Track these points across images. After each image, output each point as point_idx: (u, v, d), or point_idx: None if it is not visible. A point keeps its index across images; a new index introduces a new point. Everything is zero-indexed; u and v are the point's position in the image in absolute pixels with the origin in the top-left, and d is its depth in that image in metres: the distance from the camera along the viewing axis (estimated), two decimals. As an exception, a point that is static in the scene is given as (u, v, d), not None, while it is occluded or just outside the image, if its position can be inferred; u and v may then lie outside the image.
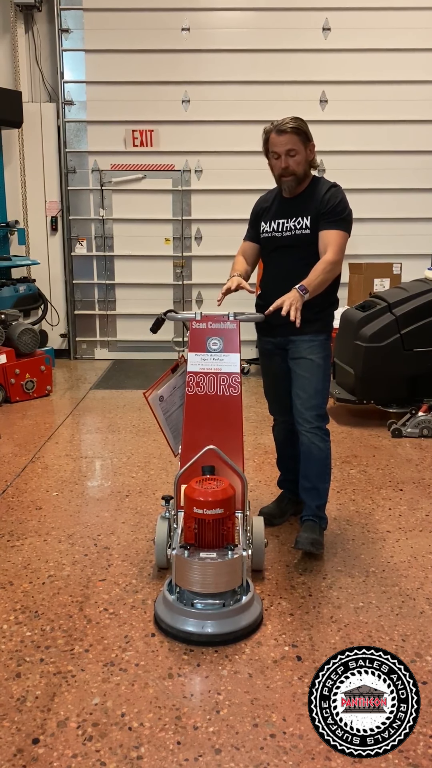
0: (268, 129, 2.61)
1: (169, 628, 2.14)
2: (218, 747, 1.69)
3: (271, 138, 2.60)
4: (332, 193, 2.62)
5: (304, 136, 2.58)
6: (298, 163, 2.59)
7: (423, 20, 6.14)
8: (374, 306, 4.49)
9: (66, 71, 6.40)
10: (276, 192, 2.74)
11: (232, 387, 2.45)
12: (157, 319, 2.74)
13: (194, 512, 2.17)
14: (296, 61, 6.23)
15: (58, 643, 2.11)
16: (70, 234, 6.64)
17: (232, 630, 2.12)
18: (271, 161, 2.65)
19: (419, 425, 4.17)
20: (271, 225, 2.70)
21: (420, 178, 6.38)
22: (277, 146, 2.58)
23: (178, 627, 2.13)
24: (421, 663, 2.01)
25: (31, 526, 2.95)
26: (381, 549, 2.74)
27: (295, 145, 2.57)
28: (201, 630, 2.11)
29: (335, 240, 2.58)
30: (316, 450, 2.66)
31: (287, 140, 2.56)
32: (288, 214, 2.67)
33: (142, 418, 4.61)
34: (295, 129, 2.56)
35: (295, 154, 2.58)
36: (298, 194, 2.66)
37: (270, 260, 2.79)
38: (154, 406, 2.63)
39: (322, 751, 1.68)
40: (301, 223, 2.63)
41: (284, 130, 2.55)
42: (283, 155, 2.58)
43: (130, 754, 1.66)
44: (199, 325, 2.51)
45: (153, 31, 6.22)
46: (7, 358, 4.97)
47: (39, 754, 1.67)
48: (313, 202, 2.63)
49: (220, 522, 2.17)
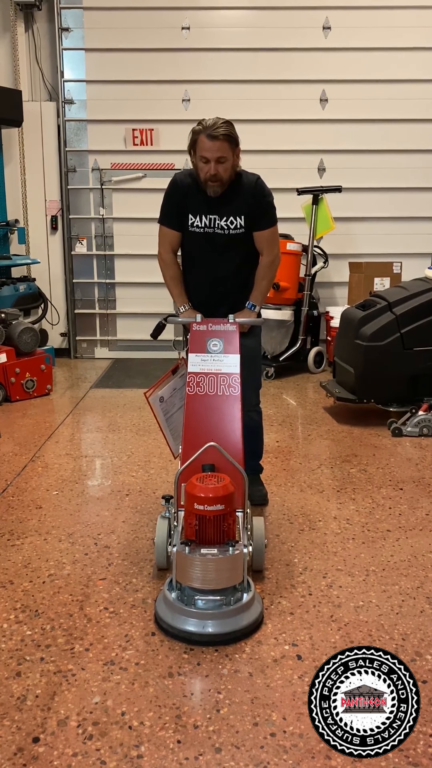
0: (197, 130, 2.57)
1: (170, 627, 2.14)
2: (218, 746, 1.69)
3: (201, 141, 2.56)
4: (259, 191, 2.69)
5: (234, 142, 2.58)
6: (226, 170, 2.61)
7: (423, 19, 6.13)
8: (374, 305, 4.49)
9: (66, 70, 6.39)
10: (196, 182, 2.68)
11: (232, 387, 2.47)
12: (158, 325, 2.79)
13: (195, 508, 2.17)
14: (296, 60, 6.23)
15: (59, 642, 2.11)
16: (71, 233, 6.63)
17: (233, 630, 2.11)
18: (198, 163, 2.61)
19: (419, 424, 4.17)
20: (202, 220, 2.70)
21: (420, 177, 6.37)
22: (207, 152, 2.55)
23: (178, 627, 2.12)
24: (421, 662, 2.01)
25: (32, 525, 2.95)
26: (381, 548, 2.74)
27: (225, 153, 2.56)
28: (202, 630, 2.10)
29: (270, 238, 2.76)
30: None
31: (218, 147, 2.54)
32: (219, 211, 2.69)
33: (142, 417, 4.61)
34: (227, 136, 2.54)
35: (224, 161, 2.58)
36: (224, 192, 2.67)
37: (199, 256, 2.80)
38: (155, 407, 2.65)
39: (323, 750, 1.68)
40: (235, 223, 2.69)
41: (216, 137, 2.52)
42: (212, 161, 2.56)
43: (131, 753, 1.66)
44: (200, 327, 2.55)
45: (153, 30, 6.21)
46: (8, 357, 4.97)
47: (39, 752, 1.67)
48: (243, 199, 2.68)
49: (221, 518, 2.17)
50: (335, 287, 6.49)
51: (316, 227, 5.86)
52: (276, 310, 5.77)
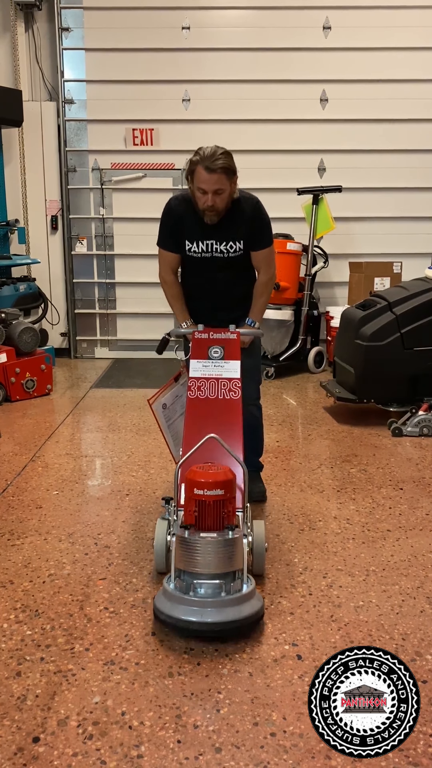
0: (195, 160, 2.55)
1: (168, 618, 2.08)
2: (218, 746, 1.69)
3: (199, 172, 2.55)
4: (256, 214, 2.73)
5: (232, 173, 2.57)
6: (223, 200, 2.61)
7: (424, 19, 6.13)
8: (374, 305, 4.49)
9: (66, 70, 6.40)
10: (192, 207, 2.69)
11: (233, 391, 2.51)
12: (162, 340, 2.86)
13: (195, 494, 2.17)
14: (297, 59, 6.23)
15: (59, 642, 2.11)
16: (71, 233, 6.64)
17: (233, 619, 2.06)
18: (196, 192, 2.61)
19: (419, 424, 4.17)
20: (199, 246, 2.73)
21: (420, 176, 6.37)
22: (205, 183, 2.55)
23: (176, 616, 2.07)
24: (421, 662, 2.01)
25: (32, 525, 2.95)
26: (381, 548, 2.74)
27: (222, 185, 2.56)
28: (201, 618, 2.05)
29: (267, 258, 2.83)
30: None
31: (216, 180, 2.53)
32: (217, 236, 2.71)
33: (142, 417, 4.61)
34: (225, 169, 2.53)
35: (222, 192, 2.58)
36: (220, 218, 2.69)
37: (199, 273, 2.83)
38: (158, 414, 2.69)
39: (323, 750, 1.68)
40: (234, 247, 2.73)
41: (214, 170, 2.51)
42: (210, 193, 2.55)
43: (131, 753, 1.66)
44: (201, 335, 2.62)
45: (153, 30, 6.21)
46: (8, 357, 4.97)
47: (39, 752, 1.67)
48: (241, 224, 2.70)
49: (220, 504, 2.17)
50: (335, 287, 6.49)
51: (317, 227, 5.86)
52: (276, 309, 5.77)
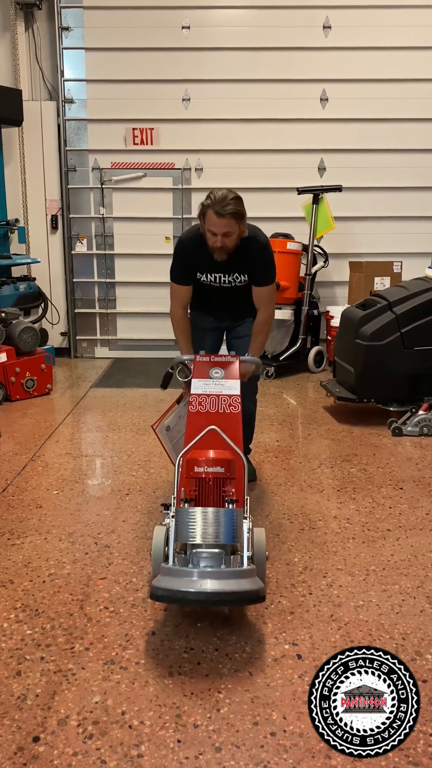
0: (207, 204, 2.68)
1: (165, 591, 1.98)
2: (218, 745, 1.69)
3: (209, 215, 2.68)
4: (261, 253, 2.88)
5: (241, 217, 2.70)
6: (232, 241, 2.75)
7: (424, 18, 6.13)
8: (374, 304, 4.49)
9: (66, 69, 6.39)
10: (202, 243, 2.82)
11: (233, 406, 2.56)
12: (166, 374, 2.95)
13: (194, 472, 2.17)
14: (297, 59, 6.22)
15: (59, 641, 2.11)
16: (71, 232, 6.63)
17: (233, 590, 1.96)
18: (206, 233, 2.75)
19: (419, 424, 4.17)
20: (208, 277, 2.95)
21: (421, 176, 6.37)
22: (215, 227, 2.68)
23: (174, 588, 1.97)
24: (421, 661, 2.01)
25: (32, 525, 2.95)
26: (381, 547, 2.74)
27: (231, 228, 2.69)
28: (199, 588, 1.97)
29: (268, 296, 3.00)
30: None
31: (226, 224, 2.66)
32: (224, 270, 2.91)
33: (142, 416, 4.61)
34: (234, 214, 2.65)
35: (231, 234, 2.71)
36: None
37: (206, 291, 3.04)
38: (162, 436, 2.77)
39: (323, 750, 1.68)
40: (239, 278, 2.94)
41: (223, 215, 2.64)
42: (219, 235, 2.70)
43: (131, 753, 1.67)
44: (203, 358, 2.75)
45: (153, 30, 6.20)
46: (8, 356, 4.97)
47: (39, 752, 1.67)
48: (247, 261, 2.87)
49: (220, 482, 2.16)
50: (335, 286, 6.49)
51: (317, 226, 5.86)
52: (276, 309, 5.75)
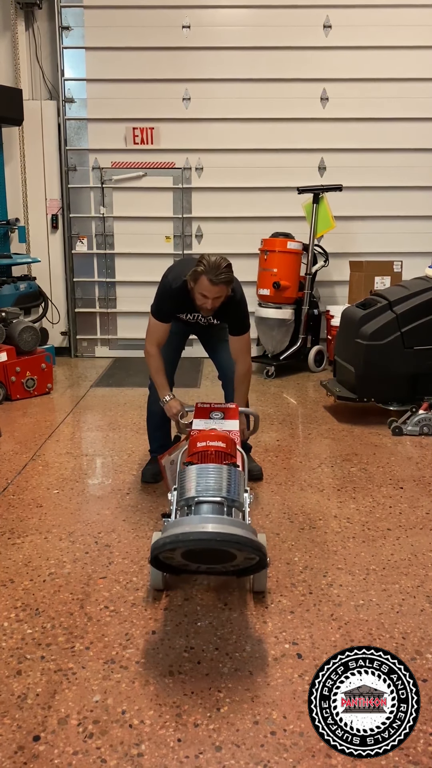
0: (200, 271, 2.75)
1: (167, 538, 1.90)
2: (219, 744, 1.69)
3: (202, 281, 2.76)
4: (239, 306, 3.01)
5: (230, 282, 2.82)
6: (220, 302, 2.87)
7: (424, 17, 6.12)
8: (375, 304, 4.49)
9: (66, 69, 6.39)
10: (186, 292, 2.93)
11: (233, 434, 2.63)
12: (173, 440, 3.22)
13: (197, 447, 2.21)
14: (297, 58, 6.21)
15: (59, 640, 2.11)
16: (71, 232, 6.63)
17: (236, 533, 1.89)
18: (197, 294, 2.85)
19: (420, 423, 4.17)
20: (187, 316, 3.12)
21: (421, 175, 6.36)
22: (207, 292, 2.79)
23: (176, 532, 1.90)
24: (421, 660, 2.01)
25: (32, 524, 2.95)
26: (381, 547, 2.74)
27: (222, 293, 2.82)
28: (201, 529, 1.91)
29: (245, 346, 3.12)
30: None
31: (218, 290, 2.79)
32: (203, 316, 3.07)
33: (142, 416, 4.57)
34: (227, 282, 2.77)
35: (220, 298, 2.84)
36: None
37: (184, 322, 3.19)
38: (165, 467, 2.86)
39: (323, 749, 1.68)
40: (216, 322, 3.14)
41: (216, 283, 2.75)
42: (210, 299, 2.82)
43: (131, 752, 1.67)
44: (204, 404, 2.85)
45: (154, 29, 6.20)
46: (8, 356, 4.97)
47: (40, 751, 1.67)
48: (226, 314, 3.02)
49: (221, 456, 2.18)
50: (336, 286, 6.49)
51: (317, 226, 5.86)
52: (276, 308, 5.77)
